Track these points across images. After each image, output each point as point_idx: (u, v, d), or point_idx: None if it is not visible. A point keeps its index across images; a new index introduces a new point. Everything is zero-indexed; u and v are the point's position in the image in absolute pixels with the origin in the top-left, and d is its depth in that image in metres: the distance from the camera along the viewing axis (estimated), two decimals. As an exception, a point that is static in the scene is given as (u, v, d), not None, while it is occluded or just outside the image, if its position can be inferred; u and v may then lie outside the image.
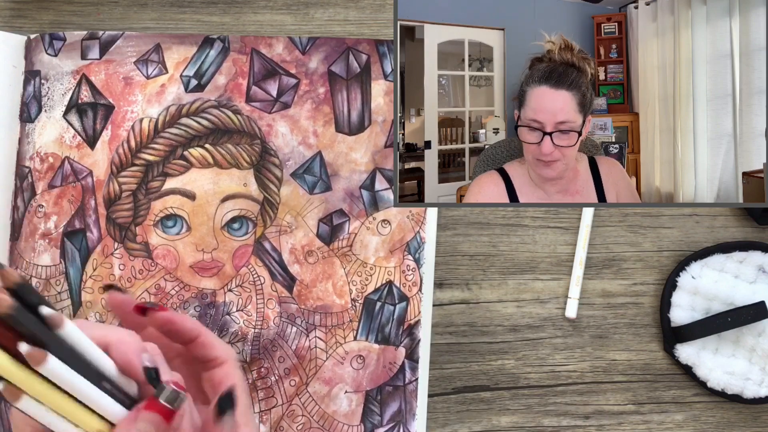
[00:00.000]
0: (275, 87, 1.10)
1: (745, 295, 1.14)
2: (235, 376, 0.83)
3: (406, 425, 1.09)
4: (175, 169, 1.08)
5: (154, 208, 1.08)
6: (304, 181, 1.09)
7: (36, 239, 1.08)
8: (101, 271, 1.08)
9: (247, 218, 1.08)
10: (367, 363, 1.09)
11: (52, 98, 1.09)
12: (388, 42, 1.12)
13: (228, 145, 1.09)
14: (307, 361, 1.08)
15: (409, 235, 1.10)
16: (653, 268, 1.19)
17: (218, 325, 1.08)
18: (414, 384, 1.09)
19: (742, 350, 1.16)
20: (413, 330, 1.09)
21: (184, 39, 1.10)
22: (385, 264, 1.10)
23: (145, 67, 1.10)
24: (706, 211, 1.20)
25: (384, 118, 1.11)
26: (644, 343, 1.18)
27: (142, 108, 1.09)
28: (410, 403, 1.09)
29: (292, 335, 1.08)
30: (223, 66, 1.10)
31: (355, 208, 1.10)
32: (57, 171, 1.08)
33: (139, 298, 1.07)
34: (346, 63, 1.11)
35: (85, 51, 1.10)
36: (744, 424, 1.18)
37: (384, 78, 1.11)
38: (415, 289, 1.09)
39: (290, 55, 1.11)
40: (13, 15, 1.17)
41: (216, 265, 1.08)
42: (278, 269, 1.09)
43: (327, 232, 1.09)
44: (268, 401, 1.08)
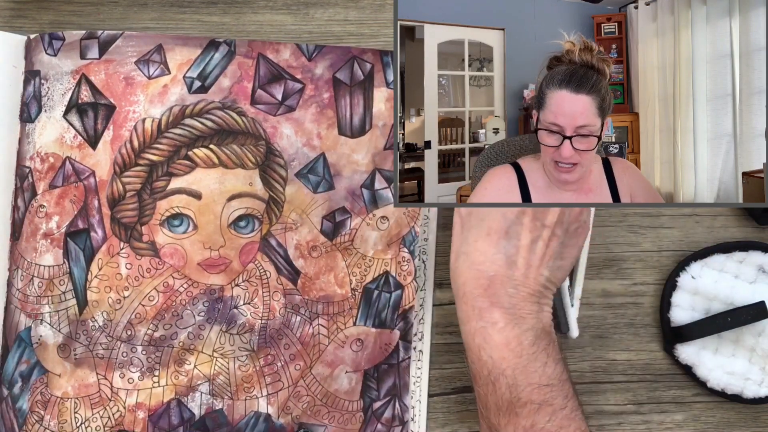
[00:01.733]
0: (280, 91, 1.12)
1: (745, 295, 1.14)
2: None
3: (401, 398, 1.14)
4: (179, 169, 1.08)
5: (160, 208, 1.09)
6: (308, 180, 1.11)
7: (38, 239, 1.08)
8: (107, 271, 1.09)
9: (254, 216, 1.10)
10: (366, 345, 1.13)
11: (52, 98, 1.09)
12: (392, 52, 1.14)
13: (233, 146, 1.10)
14: (310, 346, 1.12)
15: (405, 229, 1.14)
16: (653, 268, 1.19)
17: (226, 318, 1.10)
18: (407, 362, 1.14)
19: (742, 350, 1.15)
20: (407, 314, 1.14)
21: (188, 41, 1.11)
22: (382, 256, 1.13)
23: (146, 67, 1.10)
24: (706, 211, 1.20)
25: (384, 123, 1.13)
26: (644, 343, 1.18)
27: (144, 108, 1.09)
28: (404, 378, 1.14)
29: (297, 324, 1.12)
30: (228, 69, 1.11)
31: (356, 205, 1.12)
32: (58, 171, 1.09)
33: (148, 296, 1.09)
34: (351, 70, 1.13)
35: (84, 50, 1.10)
36: (744, 424, 1.18)
37: (386, 86, 1.14)
38: (409, 278, 1.14)
39: (297, 61, 1.12)
40: (13, 15, 1.17)
41: (223, 261, 1.10)
42: (284, 264, 1.11)
43: (330, 229, 1.12)
44: (274, 385, 1.12)
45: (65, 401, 1.08)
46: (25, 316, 1.08)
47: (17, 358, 1.09)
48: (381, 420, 1.13)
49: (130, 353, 1.08)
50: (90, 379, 1.08)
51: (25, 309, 1.08)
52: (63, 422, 1.08)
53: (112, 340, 1.08)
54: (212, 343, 1.09)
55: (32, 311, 1.08)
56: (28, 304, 1.08)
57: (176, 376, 1.09)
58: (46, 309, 1.08)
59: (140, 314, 1.08)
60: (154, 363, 1.09)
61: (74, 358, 1.08)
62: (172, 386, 1.09)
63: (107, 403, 1.08)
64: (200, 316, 1.09)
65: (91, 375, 1.08)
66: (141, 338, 1.08)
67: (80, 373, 1.08)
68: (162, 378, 1.09)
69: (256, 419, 1.10)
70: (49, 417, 1.08)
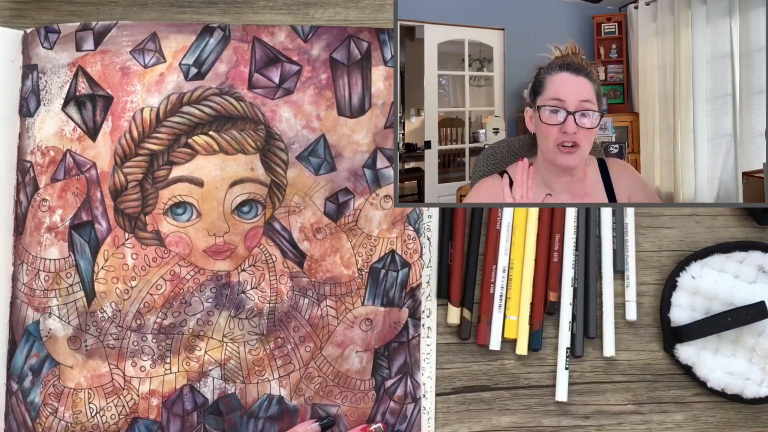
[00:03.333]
0: (277, 74, 1.12)
1: (745, 295, 1.14)
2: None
3: (413, 375, 1.14)
4: (180, 157, 1.09)
5: (163, 197, 1.09)
6: (310, 163, 1.12)
7: (42, 233, 1.09)
8: (113, 262, 1.09)
9: (257, 201, 1.11)
10: (375, 324, 1.14)
11: (50, 92, 1.10)
12: (389, 30, 1.15)
13: (232, 132, 1.10)
14: (320, 328, 1.13)
15: (409, 207, 1.13)
16: (653, 268, 1.19)
17: (234, 303, 1.11)
18: (417, 339, 1.15)
19: (742, 350, 1.15)
20: (415, 292, 1.14)
21: (182, 28, 1.12)
22: (387, 235, 1.14)
23: (141, 56, 1.11)
24: (706, 211, 1.20)
25: (384, 101, 1.14)
26: (644, 343, 1.18)
27: (141, 98, 1.10)
28: (414, 355, 1.14)
29: (305, 306, 1.12)
30: (224, 54, 1.12)
31: (359, 186, 1.13)
32: (59, 164, 1.09)
33: (155, 285, 1.10)
34: (348, 50, 1.14)
35: (79, 42, 1.11)
36: (744, 424, 1.18)
37: (384, 64, 1.14)
38: (416, 255, 1.14)
39: (292, 43, 1.13)
40: (13, 15, 1.18)
41: (229, 247, 1.11)
42: (289, 247, 1.12)
43: (334, 210, 1.12)
44: (286, 367, 1.12)
45: (78, 392, 1.08)
46: (32, 310, 1.09)
47: (26, 352, 1.09)
48: (393, 398, 1.13)
49: (140, 342, 1.09)
50: (102, 369, 1.08)
51: (32, 303, 1.09)
52: (78, 413, 1.08)
53: (122, 329, 1.08)
54: (221, 328, 1.10)
55: (40, 305, 1.08)
56: (35, 298, 1.08)
57: (187, 362, 1.09)
58: (54, 302, 1.08)
59: (149, 303, 1.09)
60: (165, 350, 1.09)
61: (85, 350, 1.08)
62: (183, 372, 1.09)
63: (121, 391, 1.08)
64: (208, 303, 1.10)
65: (103, 365, 1.08)
66: (151, 327, 1.09)
67: (92, 363, 1.08)
68: (173, 365, 1.09)
69: (269, 402, 1.10)
70: (63, 408, 1.08)
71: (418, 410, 1.13)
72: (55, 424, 1.08)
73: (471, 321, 1.16)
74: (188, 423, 1.09)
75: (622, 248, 1.17)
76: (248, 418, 1.10)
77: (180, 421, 1.09)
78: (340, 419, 1.12)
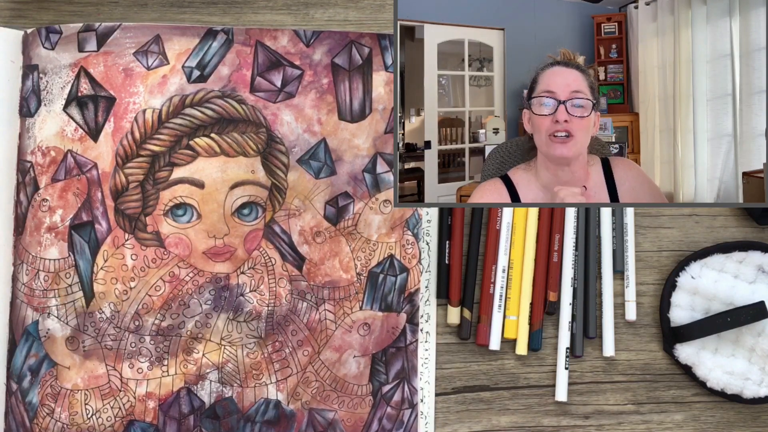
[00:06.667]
0: (279, 78, 1.12)
1: (745, 295, 1.14)
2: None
3: (410, 381, 1.14)
4: (181, 159, 1.09)
5: (163, 198, 1.09)
6: (310, 166, 1.12)
7: (42, 233, 1.09)
8: (113, 262, 1.09)
9: (257, 204, 1.11)
10: (373, 329, 1.14)
11: (51, 92, 1.10)
12: (390, 36, 1.15)
13: (234, 134, 1.10)
14: (318, 332, 1.13)
15: (408, 212, 1.14)
16: (653, 268, 1.19)
17: (233, 306, 1.11)
18: (414, 345, 1.15)
19: (741, 350, 1.15)
20: (413, 297, 1.14)
21: (186, 30, 1.11)
22: (386, 240, 1.14)
23: (144, 58, 1.10)
24: (706, 211, 1.20)
25: (384, 106, 1.14)
26: (644, 343, 1.18)
27: (144, 99, 1.09)
28: (412, 361, 1.15)
29: (303, 310, 1.12)
30: (227, 57, 1.12)
31: (358, 190, 1.13)
32: (60, 164, 1.09)
33: (154, 286, 1.10)
34: (349, 55, 1.13)
35: (82, 43, 1.10)
36: (744, 424, 1.18)
37: (385, 69, 1.14)
38: (414, 261, 1.14)
39: (295, 48, 1.13)
40: (13, 15, 1.18)
41: (228, 250, 1.11)
42: (288, 250, 1.12)
43: (333, 214, 1.12)
44: (283, 371, 1.12)
45: (75, 393, 1.08)
46: (31, 310, 1.09)
47: (25, 352, 1.09)
48: (390, 403, 1.13)
49: (138, 343, 1.09)
50: (99, 370, 1.08)
51: (31, 303, 1.09)
52: (74, 414, 1.08)
53: (120, 331, 1.08)
54: (220, 331, 1.10)
55: (39, 305, 1.08)
56: (35, 298, 1.09)
57: (185, 365, 1.09)
58: (52, 302, 1.08)
59: (147, 304, 1.09)
60: (163, 352, 1.09)
61: (83, 350, 1.08)
62: (181, 375, 1.09)
63: (117, 393, 1.08)
64: (207, 305, 1.10)
65: (100, 366, 1.08)
66: (149, 328, 1.09)
67: (89, 364, 1.08)
68: (171, 367, 1.09)
69: (266, 406, 1.10)
70: (60, 409, 1.08)
71: (415, 416, 1.14)
72: (52, 425, 1.08)
73: (471, 321, 1.16)
74: (185, 426, 1.09)
75: (621, 248, 1.18)
76: (245, 422, 1.10)
77: (176, 425, 1.09)
78: (337, 424, 1.12)
